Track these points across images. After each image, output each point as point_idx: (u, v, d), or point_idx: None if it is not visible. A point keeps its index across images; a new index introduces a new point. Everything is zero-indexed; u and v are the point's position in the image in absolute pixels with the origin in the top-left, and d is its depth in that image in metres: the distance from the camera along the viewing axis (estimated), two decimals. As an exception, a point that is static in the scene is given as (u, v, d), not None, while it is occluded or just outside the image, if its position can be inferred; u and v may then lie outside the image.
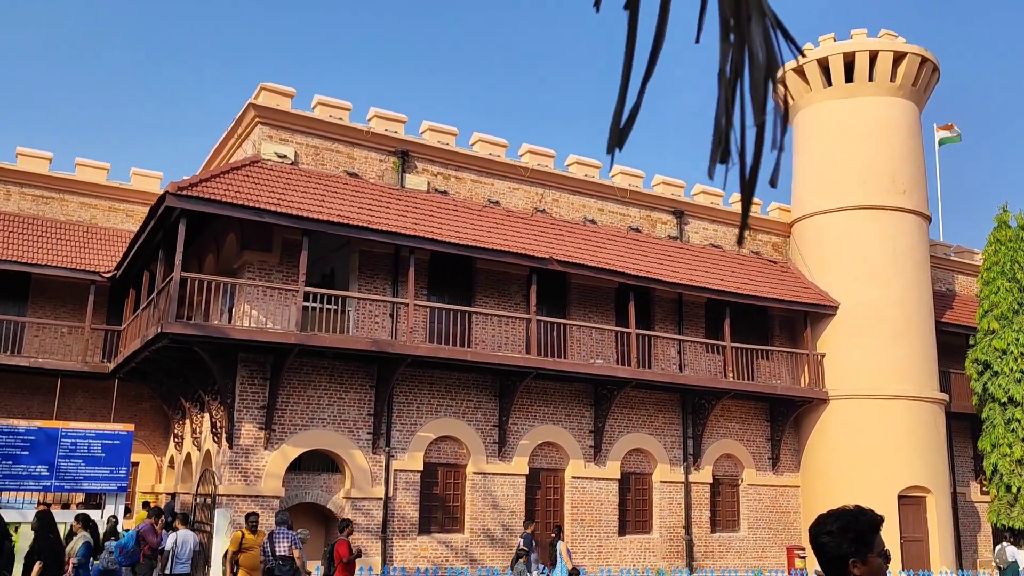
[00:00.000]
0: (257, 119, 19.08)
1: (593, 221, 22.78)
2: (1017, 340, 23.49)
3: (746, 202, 1.40)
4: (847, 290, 23.73)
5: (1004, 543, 21.45)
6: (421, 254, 19.06)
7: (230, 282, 17.00)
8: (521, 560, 15.73)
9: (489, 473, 19.63)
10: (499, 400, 19.95)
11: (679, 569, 21.41)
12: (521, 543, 16.59)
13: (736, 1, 1.38)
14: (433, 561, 18.55)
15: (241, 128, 19.90)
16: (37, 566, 10.83)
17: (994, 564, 21.61)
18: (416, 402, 19.12)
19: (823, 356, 23.77)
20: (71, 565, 11.84)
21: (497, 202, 21.54)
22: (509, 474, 19.86)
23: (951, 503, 24.38)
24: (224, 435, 17.40)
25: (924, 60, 24.91)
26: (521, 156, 22.49)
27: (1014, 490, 22.94)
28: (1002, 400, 23.48)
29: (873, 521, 2.56)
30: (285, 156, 19.04)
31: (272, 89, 19.23)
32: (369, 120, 20.57)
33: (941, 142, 31.09)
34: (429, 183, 20.82)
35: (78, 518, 12.27)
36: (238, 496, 16.98)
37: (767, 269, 24.58)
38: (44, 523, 11.29)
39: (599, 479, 21.04)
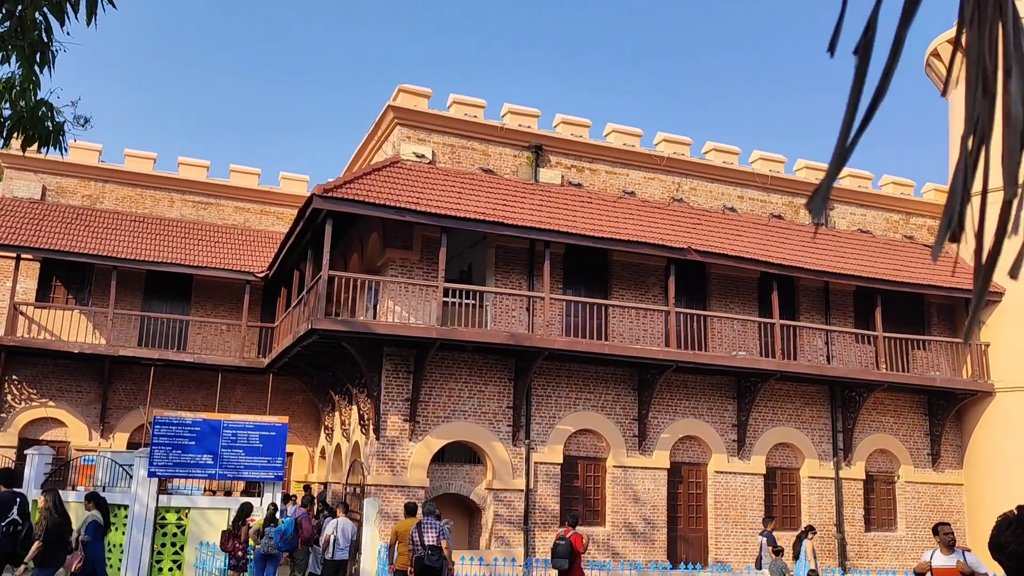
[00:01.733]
0: (396, 120, 19.62)
1: (733, 209, 22.17)
2: None
3: (980, 293, 1.18)
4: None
5: None
6: (556, 247, 19.09)
7: (374, 279, 17.58)
8: (780, 557, 15.53)
9: (629, 467, 19.47)
10: (638, 393, 19.75)
11: (831, 568, 20.55)
12: (764, 541, 16.42)
13: (995, 51, 1.15)
14: (575, 554, 18.54)
15: (381, 130, 20.53)
16: (36, 545, 10.37)
17: None
18: (554, 395, 19.19)
19: (987, 346, 22.23)
20: (78, 543, 11.20)
21: (632, 192, 21.30)
22: (650, 468, 19.64)
23: None
24: (371, 427, 18.02)
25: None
26: (656, 145, 22.14)
27: None
28: None
29: None
30: (423, 155, 19.50)
31: (409, 90, 19.73)
32: (503, 116, 20.77)
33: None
34: (563, 176, 20.82)
35: (89, 496, 11.66)
36: (385, 486, 17.55)
37: (921, 254, 23.20)
38: (52, 502, 10.74)
39: (743, 474, 20.48)
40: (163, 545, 15.85)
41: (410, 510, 13.54)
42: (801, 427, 21.27)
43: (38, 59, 5.00)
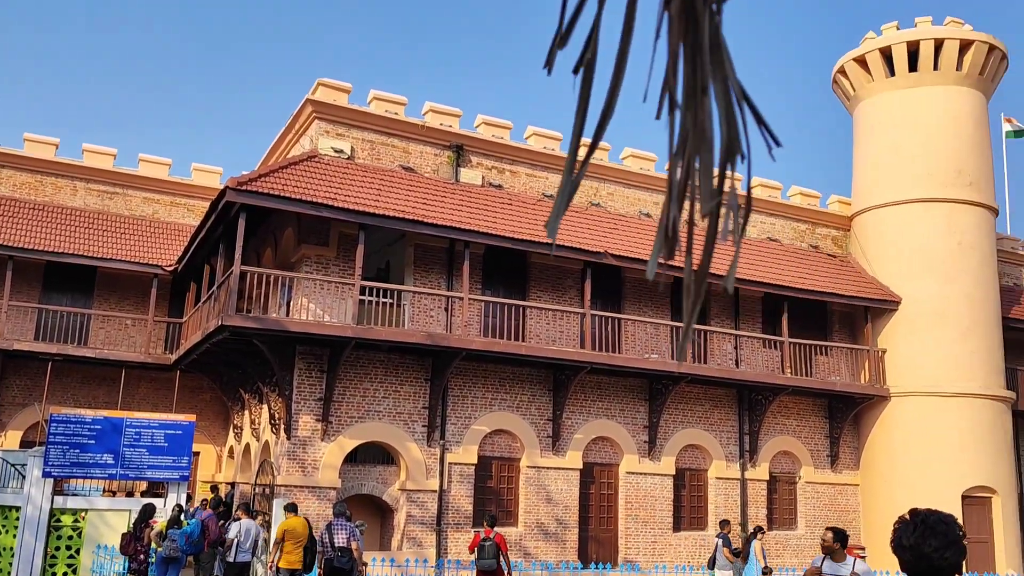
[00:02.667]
0: (314, 114, 19.29)
1: (648, 215, 22.58)
2: (1089, 337, 22.68)
3: (691, 306, 1.19)
4: (909, 285, 23.15)
5: None
6: (476, 248, 19.09)
7: (288, 276, 17.24)
8: (738, 559, 15.88)
9: (543, 467, 19.61)
10: (553, 394, 19.92)
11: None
12: (719, 543, 16.72)
13: (692, 67, 1.16)
14: (487, 554, 18.57)
15: (299, 123, 20.15)
16: None
17: None
18: (471, 395, 19.18)
19: (884, 352, 23.24)
20: None
21: (551, 196, 21.47)
22: (563, 468, 19.82)
23: (1018, 504, 23.66)
24: (282, 426, 17.66)
25: (992, 48, 24.15)
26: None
27: (1085, 492, 22.19)
28: (1073, 399, 22.70)
29: (960, 528, 2.50)
30: (342, 151, 19.22)
31: (329, 84, 19.42)
32: (424, 114, 20.66)
33: (1008, 135, 30.12)
34: (484, 177, 20.83)
35: None
36: (296, 487, 17.23)
37: (826, 263, 24.10)
38: None
39: (653, 474, 20.88)
40: (57, 548, 15.18)
41: (291, 508, 13.62)
42: (710, 429, 21.81)
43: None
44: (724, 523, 17.69)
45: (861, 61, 24.74)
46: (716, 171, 1.20)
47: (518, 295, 20.09)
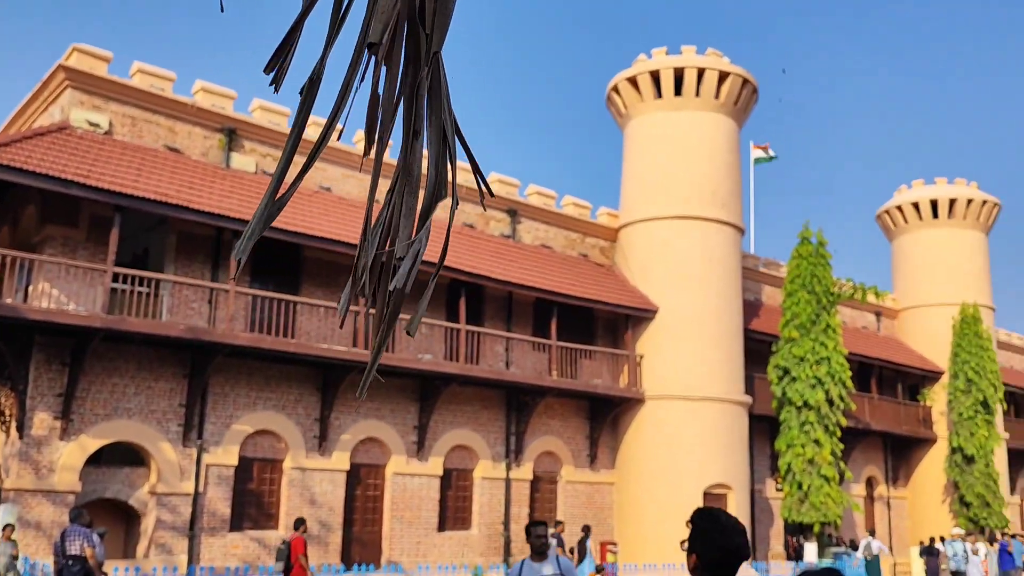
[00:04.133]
0: (67, 82, 17.53)
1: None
2: (813, 349, 25.41)
3: (376, 351, 1.16)
4: (667, 295, 24.80)
5: (868, 538, 24.31)
6: (246, 238, 18.16)
7: (27, 257, 15.52)
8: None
9: (308, 468, 19.03)
10: (322, 394, 19.39)
11: (496, 565, 21.63)
12: (554, 543, 17.22)
13: (411, 107, 1.15)
14: (244, 559, 17.76)
15: (49, 91, 18.23)
16: None
17: (860, 556, 24.23)
18: (233, 393, 18.24)
19: (641, 358, 24.73)
20: None
21: (329, 188, 20.93)
22: (329, 470, 19.35)
23: (749, 499, 26.03)
24: (13, 424, 15.88)
25: (745, 81, 26.43)
26: (356, 143, 21.95)
27: (804, 487, 24.81)
28: (798, 404, 25.33)
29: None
30: (98, 125, 17.62)
31: (85, 51, 17.73)
32: (194, 93, 19.41)
33: (756, 161, 33.16)
34: (258, 164, 19.92)
35: None
36: (28, 491, 15.55)
37: (594, 272, 25.29)
38: None
39: (421, 475, 20.90)
40: None
41: None
42: (478, 430, 22.17)
43: None
44: (558, 523, 18.35)
45: (633, 81, 26.22)
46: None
47: (290, 290, 19.36)
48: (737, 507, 24.56)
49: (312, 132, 18.86)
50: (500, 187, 24.35)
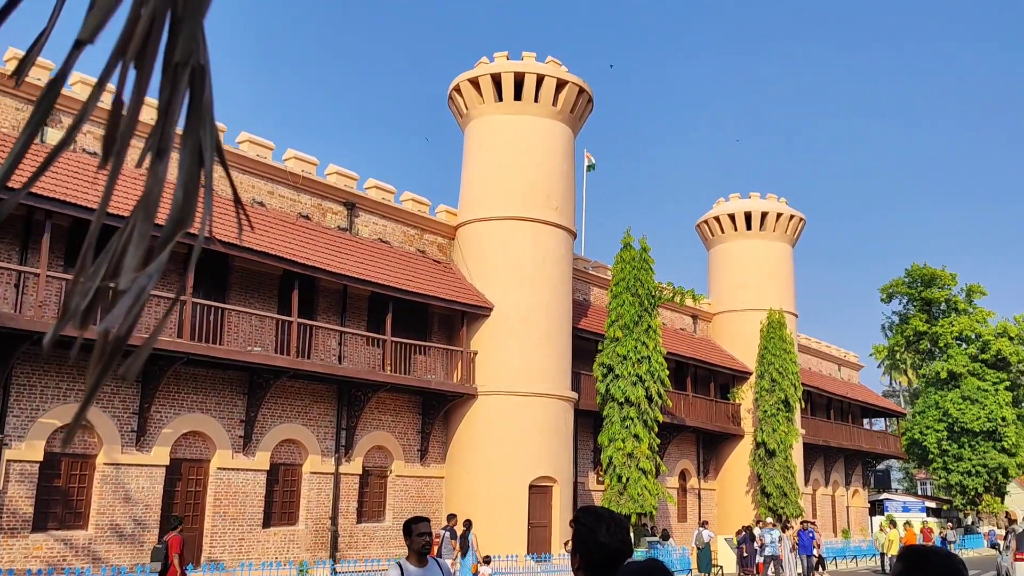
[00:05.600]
0: None
1: (262, 204, 21.97)
2: (635, 348, 26.70)
3: (94, 385, 1.06)
4: (501, 294, 25.33)
5: (699, 528, 26.22)
6: (60, 220, 17.03)
7: None
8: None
9: (123, 464, 18.08)
10: (142, 386, 18.47)
11: (323, 560, 21.37)
12: (447, 536, 17.71)
13: (161, 127, 1.07)
14: (48, 561, 16.65)
15: None
16: None
17: (693, 545, 26.22)
18: (40, 386, 17.05)
19: (475, 354, 25.12)
20: None
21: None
22: (147, 465, 18.46)
23: (572, 491, 27.02)
24: None
25: (581, 90, 27.38)
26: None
27: (623, 480, 26.04)
28: (620, 400, 26.55)
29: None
30: None
31: None
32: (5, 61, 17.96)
33: (588, 168, 34.43)
34: (79, 144, 18.69)
35: None
36: None
37: (431, 268, 25.43)
38: None
39: (247, 470, 20.32)
40: None
41: None
42: (308, 424, 21.81)
43: None
44: (451, 517, 18.37)
45: (475, 82, 26.56)
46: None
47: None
48: (561, 499, 25.45)
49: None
50: (338, 179, 24.03)
